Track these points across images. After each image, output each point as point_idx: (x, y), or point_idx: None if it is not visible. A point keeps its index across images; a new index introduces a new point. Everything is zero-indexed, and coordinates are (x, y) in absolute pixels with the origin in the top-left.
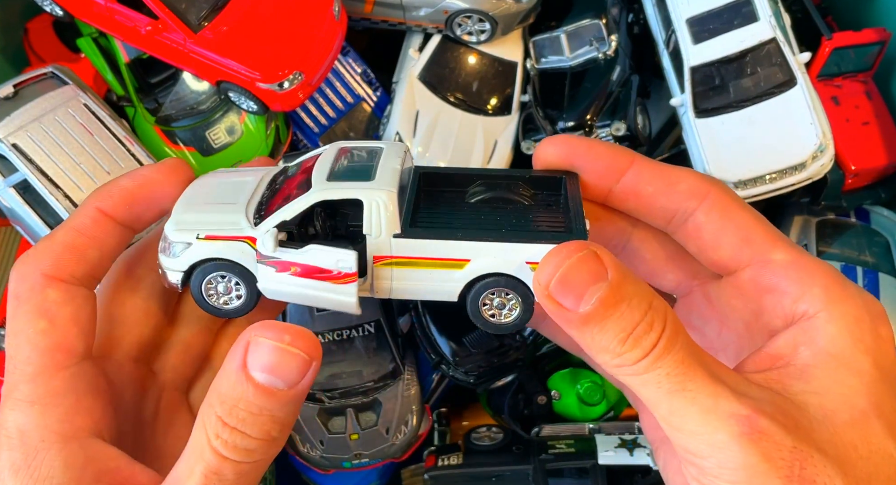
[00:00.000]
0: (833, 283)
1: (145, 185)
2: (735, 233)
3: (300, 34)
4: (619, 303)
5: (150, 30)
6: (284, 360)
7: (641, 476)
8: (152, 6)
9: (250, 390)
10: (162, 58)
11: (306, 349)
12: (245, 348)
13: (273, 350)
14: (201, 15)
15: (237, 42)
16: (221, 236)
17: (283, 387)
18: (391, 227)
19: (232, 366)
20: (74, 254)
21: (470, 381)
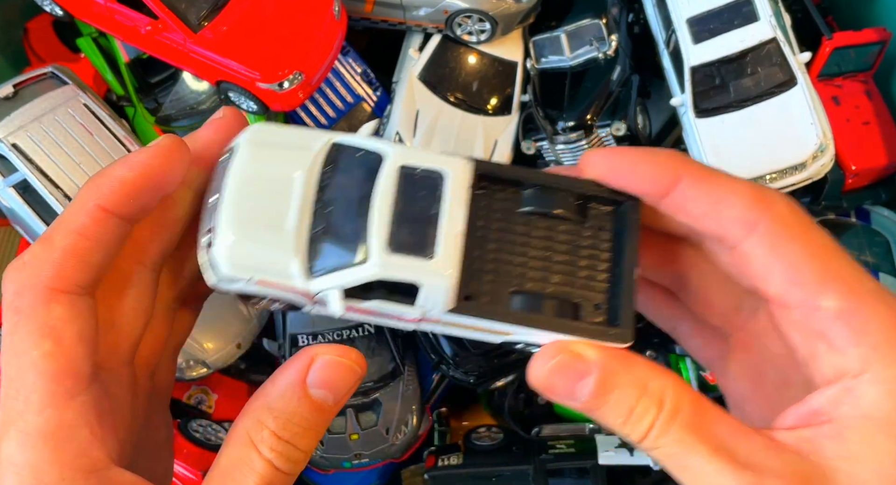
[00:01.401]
0: (885, 340)
1: (145, 173)
2: (784, 270)
3: (300, 34)
4: (609, 393)
5: (150, 30)
6: (343, 377)
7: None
8: (152, 6)
9: (306, 406)
10: (162, 58)
11: (358, 363)
12: (307, 365)
13: (333, 366)
14: (201, 15)
15: (237, 42)
16: (276, 285)
17: (332, 403)
18: (446, 305)
19: (288, 381)
20: (78, 261)
21: (470, 381)
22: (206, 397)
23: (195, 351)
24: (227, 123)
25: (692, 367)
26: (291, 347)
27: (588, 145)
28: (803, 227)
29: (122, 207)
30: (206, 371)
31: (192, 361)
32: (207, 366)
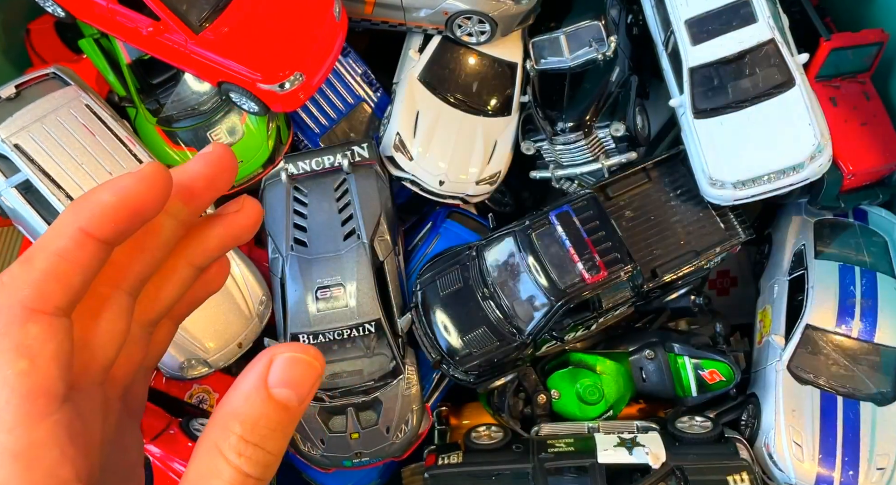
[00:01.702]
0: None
1: (127, 198)
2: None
3: (301, 35)
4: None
5: (152, 31)
6: (304, 373)
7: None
8: (154, 7)
9: (271, 407)
10: (163, 59)
11: (318, 359)
12: (267, 366)
13: (293, 363)
14: (202, 16)
15: (238, 43)
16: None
17: (296, 403)
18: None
19: (251, 384)
20: (57, 282)
21: (470, 380)
22: (208, 397)
23: (197, 351)
24: (216, 158)
25: (691, 366)
26: None
27: (587, 145)
28: None
29: (103, 231)
30: (208, 371)
31: (194, 360)
32: (209, 365)
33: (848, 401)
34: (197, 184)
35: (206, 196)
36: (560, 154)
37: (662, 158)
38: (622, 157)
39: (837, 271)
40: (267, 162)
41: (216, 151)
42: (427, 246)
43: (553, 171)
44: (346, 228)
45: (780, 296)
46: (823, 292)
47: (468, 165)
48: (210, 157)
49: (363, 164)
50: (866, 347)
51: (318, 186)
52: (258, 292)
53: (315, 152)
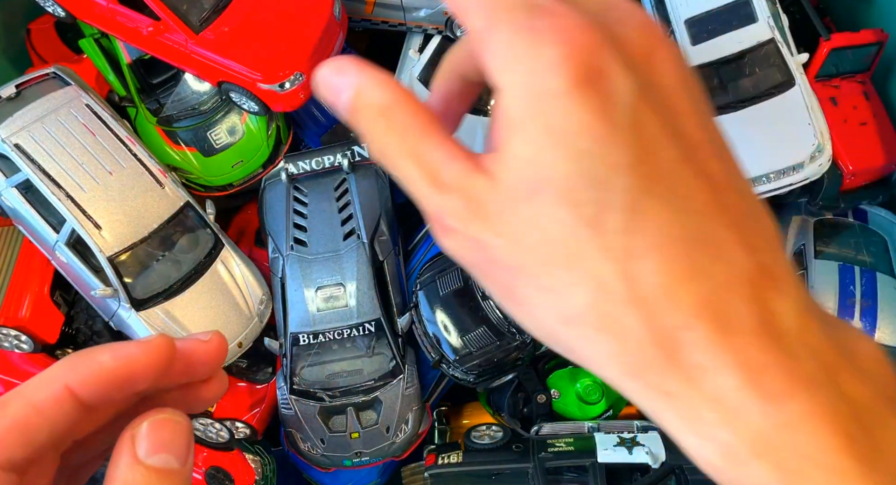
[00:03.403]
0: (509, 44)
1: (126, 365)
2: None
3: (301, 35)
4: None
5: (152, 30)
6: (173, 433)
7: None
8: (154, 7)
9: (149, 476)
10: (163, 58)
11: (185, 418)
12: (132, 441)
13: (162, 424)
14: (203, 16)
15: (238, 43)
16: None
17: (176, 465)
18: None
19: (124, 464)
20: (22, 436)
21: (470, 380)
22: None
23: None
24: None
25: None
26: (292, 345)
27: None
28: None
29: (90, 394)
30: None
31: None
32: None
33: None
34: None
35: (176, 379)
36: None
37: None
38: None
39: (837, 271)
40: (267, 162)
41: (216, 339)
42: (427, 246)
43: None
44: (346, 227)
45: None
46: (823, 292)
47: None
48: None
49: (363, 163)
50: None
51: (318, 186)
52: (258, 292)
53: (315, 152)
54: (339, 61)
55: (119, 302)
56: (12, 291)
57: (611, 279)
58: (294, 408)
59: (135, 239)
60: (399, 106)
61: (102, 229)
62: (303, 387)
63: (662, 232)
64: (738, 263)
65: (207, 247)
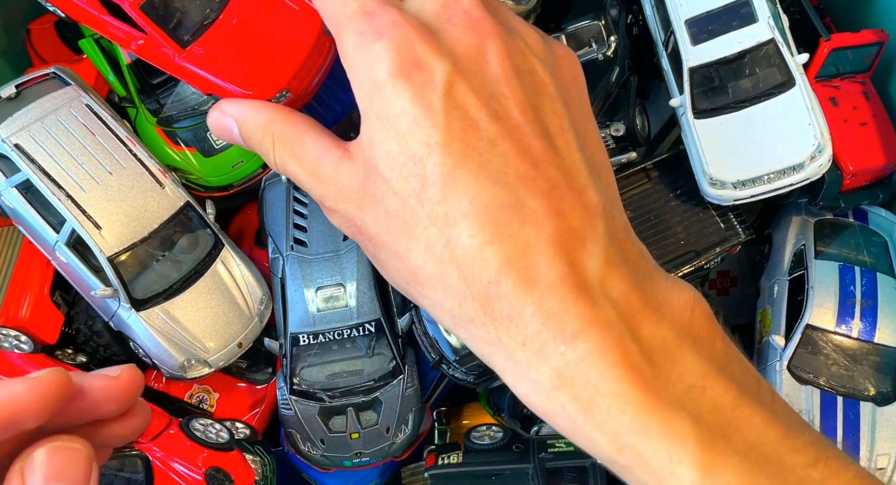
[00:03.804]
0: (349, 45)
1: (8, 404)
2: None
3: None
4: (249, 138)
5: (142, 44)
6: (69, 460)
7: None
8: (141, 23)
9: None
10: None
11: (85, 446)
12: (20, 474)
13: (55, 452)
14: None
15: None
16: None
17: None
18: None
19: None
20: None
21: (470, 380)
22: (208, 397)
23: (197, 351)
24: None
25: None
26: (292, 346)
27: None
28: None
29: None
30: (208, 371)
31: (194, 360)
32: (209, 365)
33: (848, 401)
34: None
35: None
36: None
37: (662, 158)
38: (622, 157)
39: (837, 271)
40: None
41: (123, 375)
42: None
43: None
44: None
45: (780, 296)
46: (823, 292)
47: None
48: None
49: None
50: (866, 348)
51: None
52: (258, 292)
53: None
54: (219, 104)
55: (119, 302)
56: (12, 291)
57: (436, 243)
58: (294, 408)
59: (135, 239)
60: (276, 121)
61: (102, 229)
62: (303, 387)
63: (474, 201)
64: (544, 227)
65: (207, 247)
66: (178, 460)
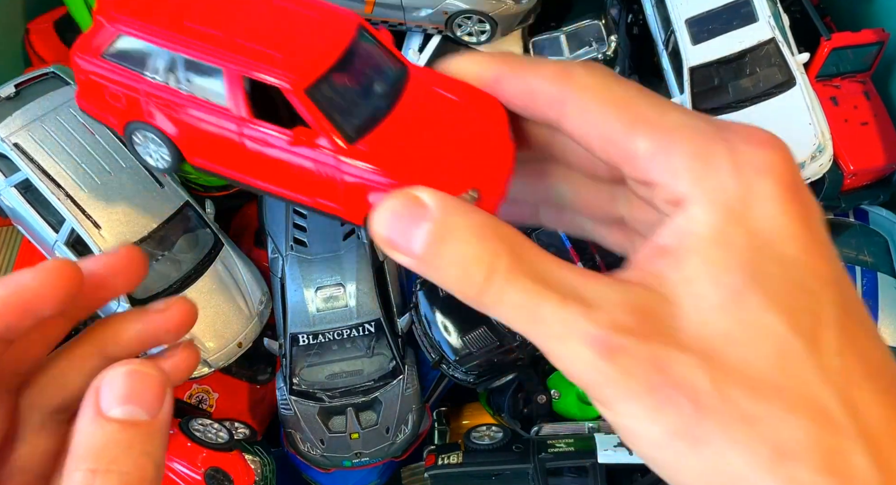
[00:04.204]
0: (696, 155)
1: (18, 292)
2: (598, 137)
3: (472, 148)
4: (445, 240)
5: (291, 140)
6: (140, 383)
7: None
8: (303, 111)
9: (113, 429)
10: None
11: (159, 370)
12: (96, 394)
13: (127, 375)
14: (357, 126)
15: (399, 159)
16: None
17: (145, 417)
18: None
19: (86, 418)
20: None
21: (470, 380)
22: (207, 397)
23: None
24: (122, 257)
25: None
26: (292, 346)
27: None
28: (606, 87)
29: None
30: (208, 371)
31: None
32: (209, 365)
33: None
34: (94, 281)
35: (100, 295)
36: None
37: None
38: None
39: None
40: None
41: (123, 250)
42: None
43: None
44: (345, 227)
45: None
46: None
47: None
48: (116, 256)
49: None
50: None
51: None
52: (258, 292)
53: None
54: (401, 192)
55: (119, 302)
56: None
57: (834, 408)
58: (294, 408)
59: (134, 239)
60: (496, 221)
61: (102, 229)
62: (302, 387)
63: (872, 358)
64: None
65: (207, 247)
66: (177, 460)
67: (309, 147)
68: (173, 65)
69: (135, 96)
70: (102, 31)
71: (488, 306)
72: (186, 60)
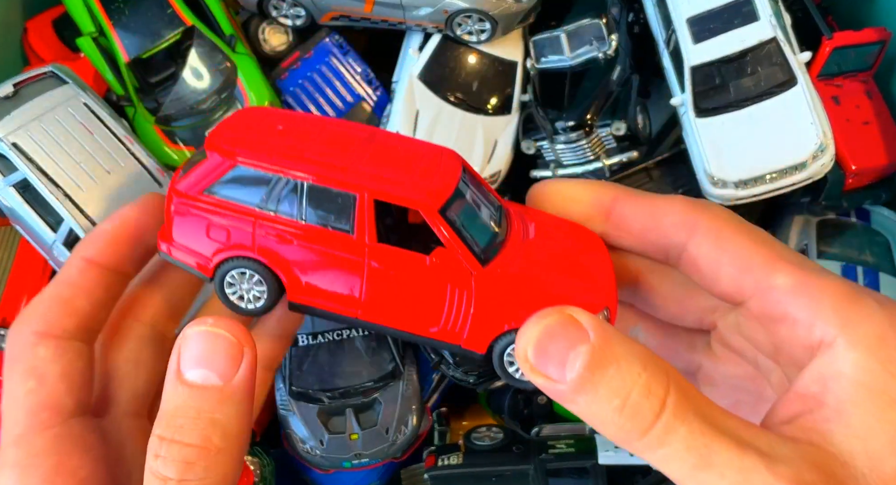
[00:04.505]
0: (844, 299)
1: (124, 224)
2: (731, 261)
3: (596, 269)
4: (606, 366)
5: (435, 262)
6: (212, 345)
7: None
8: (440, 231)
9: (185, 393)
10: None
11: (233, 332)
12: (178, 351)
13: (199, 337)
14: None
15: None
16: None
17: (217, 381)
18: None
19: (168, 377)
20: (63, 307)
21: (470, 381)
22: None
23: None
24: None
25: None
26: (291, 347)
27: (588, 145)
28: (739, 222)
29: (104, 257)
30: None
31: None
32: None
33: None
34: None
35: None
36: (561, 153)
37: (664, 157)
38: (623, 156)
39: (840, 272)
40: None
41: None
42: None
43: (554, 170)
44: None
45: None
46: None
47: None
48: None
49: None
50: None
51: None
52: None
53: None
54: (553, 311)
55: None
56: (9, 291)
57: None
58: (293, 409)
59: None
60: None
61: None
62: (302, 388)
63: None
64: None
65: None
66: None
67: (443, 269)
68: (294, 195)
69: (245, 230)
70: (209, 166)
71: (649, 445)
72: (311, 189)
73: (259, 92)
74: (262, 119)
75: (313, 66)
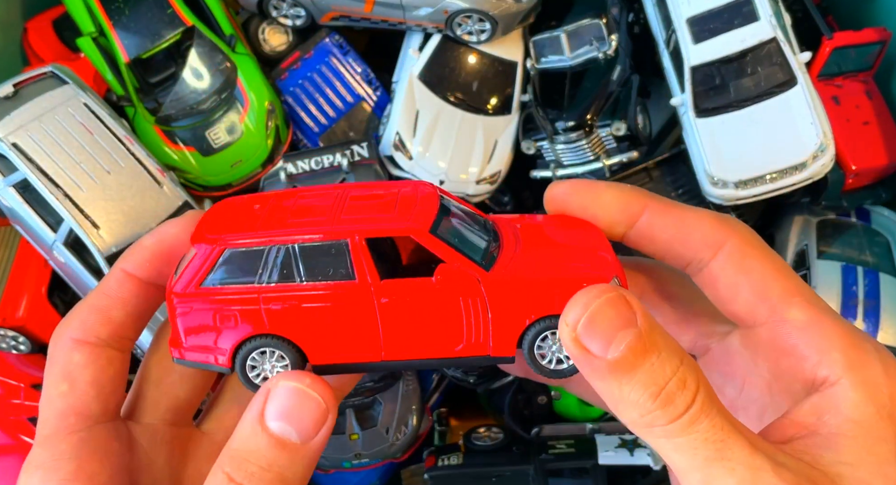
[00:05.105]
0: (850, 344)
1: (164, 240)
2: (751, 287)
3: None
4: (649, 353)
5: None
6: (301, 404)
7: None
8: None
9: (263, 441)
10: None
11: (324, 395)
12: (265, 396)
13: (291, 393)
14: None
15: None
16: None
17: (296, 440)
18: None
19: (249, 416)
20: (99, 315)
21: (470, 381)
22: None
23: None
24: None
25: None
26: None
27: (588, 145)
28: (764, 248)
29: (140, 270)
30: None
31: None
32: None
33: None
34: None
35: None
36: (561, 153)
37: (664, 157)
38: (623, 156)
39: (840, 271)
40: (266, 161)
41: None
42: None
43: (554, 170)
44: None
45: None
46: (826, 293)
47: (468, 165)
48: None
49: (363, 163)
50: None
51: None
52: None
53: (314, 152)
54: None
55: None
56: (10, 291)
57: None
58: None
59: (133, 238)
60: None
61: (100, 229)
62: None
63: None
64: None
65: None
66: None
67: (450, 283)
68: (287, 261)
69: (251, 308)
70: (199, 258)
71: (671, 432)
72: (303, 249)
73: (259, 92)
74: (238, 206)
75: (313, 66)
